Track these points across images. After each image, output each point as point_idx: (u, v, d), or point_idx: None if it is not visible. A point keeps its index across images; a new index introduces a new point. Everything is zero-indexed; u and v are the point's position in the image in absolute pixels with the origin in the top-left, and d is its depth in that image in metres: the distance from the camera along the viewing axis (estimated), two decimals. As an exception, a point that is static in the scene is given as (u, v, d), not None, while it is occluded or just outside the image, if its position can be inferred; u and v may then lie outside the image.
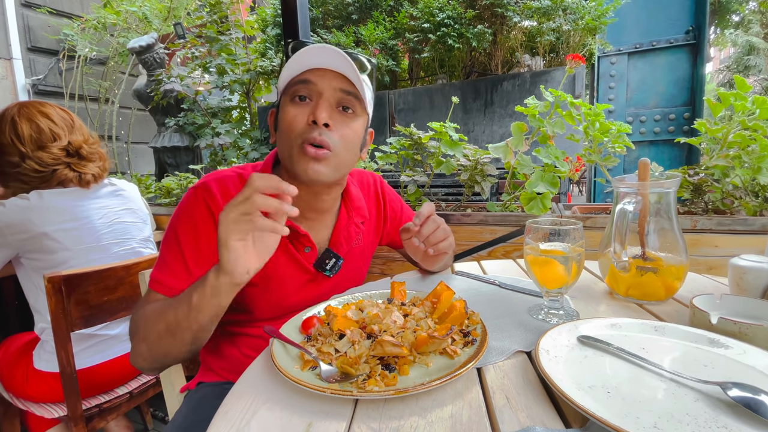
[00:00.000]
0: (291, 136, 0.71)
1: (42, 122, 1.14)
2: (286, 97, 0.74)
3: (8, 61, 3.84)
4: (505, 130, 2.97)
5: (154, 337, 0.62)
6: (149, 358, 0.64)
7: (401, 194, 1.70)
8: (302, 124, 0.70)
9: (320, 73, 0.71)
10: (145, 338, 0.63)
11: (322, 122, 0.69)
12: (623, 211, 0.65)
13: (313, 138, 0.69)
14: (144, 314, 0.65)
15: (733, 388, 0.40)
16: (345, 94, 0.72)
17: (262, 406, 0.45)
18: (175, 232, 0.72)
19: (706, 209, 1.23)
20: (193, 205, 0.73)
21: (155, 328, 0.61)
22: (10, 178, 1.14)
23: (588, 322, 0.58)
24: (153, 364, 0.66)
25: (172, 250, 0.71)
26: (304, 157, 0.70)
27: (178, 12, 4.01)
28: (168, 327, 0.60)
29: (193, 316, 0.58)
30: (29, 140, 1.12)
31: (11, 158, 1.12)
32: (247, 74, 3.11)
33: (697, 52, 2.92)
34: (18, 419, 1.32)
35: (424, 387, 0.45)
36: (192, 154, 3.40)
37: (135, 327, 0.66)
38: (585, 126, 1.34)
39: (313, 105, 0.71)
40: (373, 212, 0.96)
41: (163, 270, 0.70)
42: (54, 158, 1.14)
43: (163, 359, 0.65)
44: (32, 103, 1.18)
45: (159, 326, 0.61)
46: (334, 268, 0.83)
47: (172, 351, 0.62)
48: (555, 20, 2.95)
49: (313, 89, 0.71)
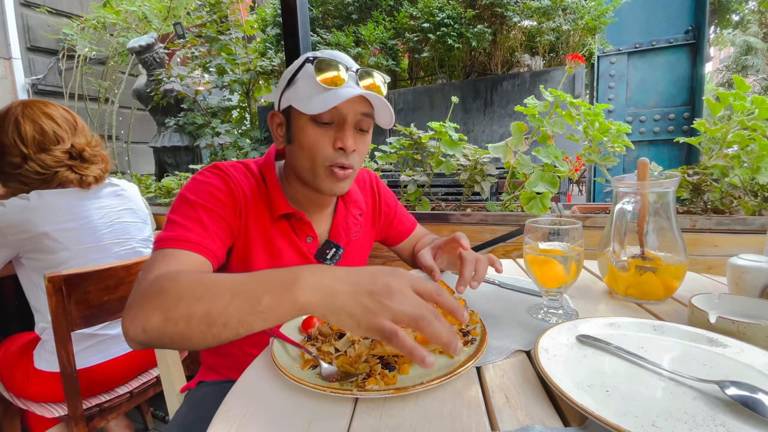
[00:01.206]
0: (316, 158, 0.72)
1: (46, 124, 1.13)
2: (304, 114, 0.72)
3: (8, 61, 3.84)
4: (504, 129, 2.98)
5: (180, 315, 0.46)
6: (156, 334, 0.48)
7: (401, 194, 1.71)
8: (328, 149, 0.72)
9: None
10: (168, 309, 0.47)
11: (350, 150, 0.71)
12: (622, 211, 0.65)
13: (341, 163, 0.72)
14: (178, 281, 0.50)
15: (731, 387, 0.40)
16: (364, 116, 0.73)
17: (262, 405, 0.45)
18: (185, 198, 0.69)
19: (705, 209, 1.24)
20: (211, 177, 0.73)
21: (189, 307, 0.46)
22: (10, 178, 1.14)
23: (587, 322, 0.58)
24: (153, 340, 0.49)
25: (183, 210, 0.67)
26: (332, 177, 0.73)
27: (178, 12, 4.01)
28: (209, 314, 0.45)
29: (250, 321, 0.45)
30: (32, 142, 1.11)
31: (13, 159, 1.11)
32: (246, 74, 3.11)
33: (696, 51, 2.92)
34: (18, 419, 1.32)
35: (424, 386, 0.45)
36: (192, 153, 3.40)
37: (154, 290, 0.50)
38: (584, 126, 1.34)
39: (337, 129, 0.72)
40: (369, 207, 0.97)
41: (175, 229, 0.64)
42: (56, 161, 1.13)
43: (170, 342, 0.48)
44: (36, 102, 1.17)
45: (196, 308, 0.46)
46: (335, 257, 0.84)
47: (193, 338, 0.47)
48: (555, 20, 2.95)
49: (336, 114, 0.71)
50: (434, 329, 0.41)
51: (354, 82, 0.71)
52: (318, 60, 0.70)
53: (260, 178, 0.79)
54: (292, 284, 0.44)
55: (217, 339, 0.46)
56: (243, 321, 0.45)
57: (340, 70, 0.70)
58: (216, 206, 0.69)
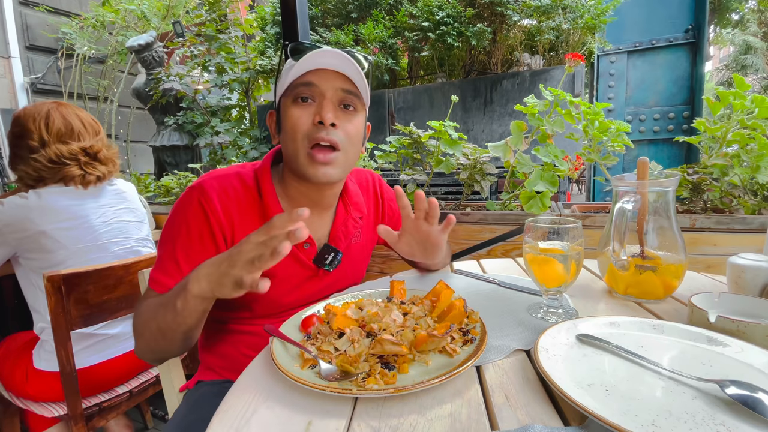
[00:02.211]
0: (297, 138, 0.73)
1: (74, 122, 1.20)
2: (287, 99, 0.74)
3: (6, 60, 3.83)
4: (504, 128, 2.97)
5: (149, 336, 0.66)
6: (148, 353, 0.70)
7: (401, 193, 1.70)
8: (308, 125, 0.72)
9: (321, 74, 0.72)
10: (141, 335, 0.67)
11: (329, 122, 0.71)
12: (622, 210, 0.65)
13: (321, 138, 0.71)
14: (139, 313, 0.68)
15: (730, 386, 0.40)
16: (346, 93, 0.74)
17: (261, 405, 0.45)
18: (169, 232, 0.73)
19: (704, 208, 1.24)
20: (187, 205, 0.74)
21: (148, 328, 0.65)
22: (22, 161, 1.16)
23: (587, 321, 0.58)
24: (154, 356, 0.71)
25: (165, 248, 0.73)
26: (313, 163, 0.73)
27: (177, 10, 4.00)
28: (159, 328, 0.63)
29: (180, 321, 0.60)
30: (56, 132, 1.17)
31: (32, 143, 1.15)
32: (246, 73, 3.10)
33: (696, 50, 2.92)
34: (18, 418, 1.32)
35: (424, 385, 0.45)
36: (191, 152, 3.40)
37: (134, 323, 0.69)
38: (584, 125, 1.34)
39: (317, 105, 0.73)
40: (371, 209, 0.96)
41: (158, 269, 0.72)
42: (71, 153, 1.17)
43: (161, 354, 0.71)
44: (71, 105, 1.24)
45: (151, 326, 0.64)
46: (334, 262, 0.83)
47: (167, 348, 0.67)
48: (554, 19, 2.94)
49: (315, 90, 0.72)
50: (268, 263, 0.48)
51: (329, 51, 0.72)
52: (291, 44, 0.73)
53: (254, 185, 0.79)
54: (185, 285, 0.57)
55: (178, 340, 0.64)
56: (176, 322, 0.60)
57: (314, 46, 0.72)
58: (192, 240, 0.72)
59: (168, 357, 0.73)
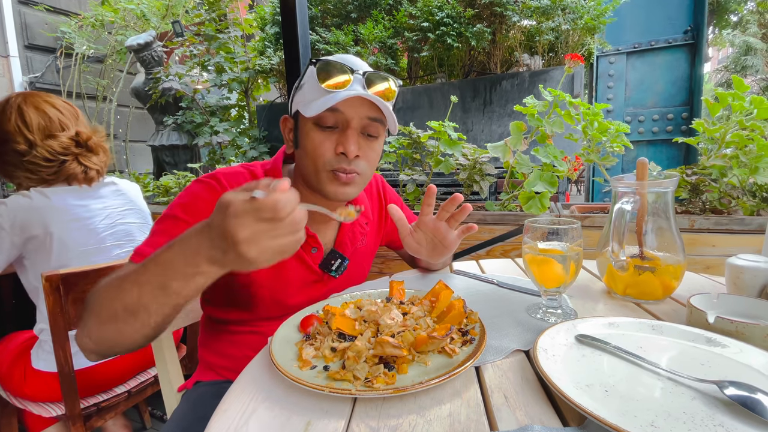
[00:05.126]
0: (318, 163, 0.71)
1: (50, 111, 1.12)
2: (308, 119, 0.71)
3: (5, 59, 3.82)
4: (503, 129, 2.98)
5: (106, 316, 0.51)
6: (96, 339, 0.53)
7: (400, 193, 1.71)
8: (330, 153, 0.70)
9: (348, 101, 0.69)
10: (97, 314, 0.52)
11: (352, 156, 0.70)
12: (621, 211, 0.65)
13: (343, 168, 0.71)
14: (98, 287, 0.55)
15: (729, 387, 0.40)
16: (371, 120, 0.71)
17: (260, 405, 0.45)
18: (172, 210, 0.69)
19: (703, 209, 1.24)
20: (199, 189, 0.71)
21: (110, 306, 0.51)
22: (16, 167, 1.11)
23: (586, 321, 0.58)
24: (99, 347, 0.54)
25: (164, 223, 0.68)
26: (334, 181, 0.72)
27: (177, 10, 4.00)
28: (127, 308, 0.50)
29: (171, 302, 0.49)
30: (38, 128, 1.10)
31: (18, 146, 1.08)
32: (245, 72, 3.10)
33: (695, 51, 2.93)
34: (16, 418, 1.32)
35: (423, 386, 0.45)
36: (190, 152, 3.39)
37: (88, 299, 0.56)
38: (583, 125, 1.34)
39: (340, 134, 0.70)
40: (375, 212, 0.96)
41: (148, 243, 0.66)
42: (64, 147, 1.12)
43: (111, 344, 0.54)
44: (36, 93, 1.16)
45: (115, 305, 0.51)
46: (340, 269, 0.83)
47: (127, 334, 0.52)
48: (554, 19, 2.95)
49: (340, 117, 0.70)
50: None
51: (360, 85, 0.69)
52: (320, 62, 0.69)
53: None
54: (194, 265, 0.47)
55: (151, 327, 0.51)
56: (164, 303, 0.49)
57: (344, 73, 0.69)
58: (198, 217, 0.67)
59: (118, 349, 0.55)
